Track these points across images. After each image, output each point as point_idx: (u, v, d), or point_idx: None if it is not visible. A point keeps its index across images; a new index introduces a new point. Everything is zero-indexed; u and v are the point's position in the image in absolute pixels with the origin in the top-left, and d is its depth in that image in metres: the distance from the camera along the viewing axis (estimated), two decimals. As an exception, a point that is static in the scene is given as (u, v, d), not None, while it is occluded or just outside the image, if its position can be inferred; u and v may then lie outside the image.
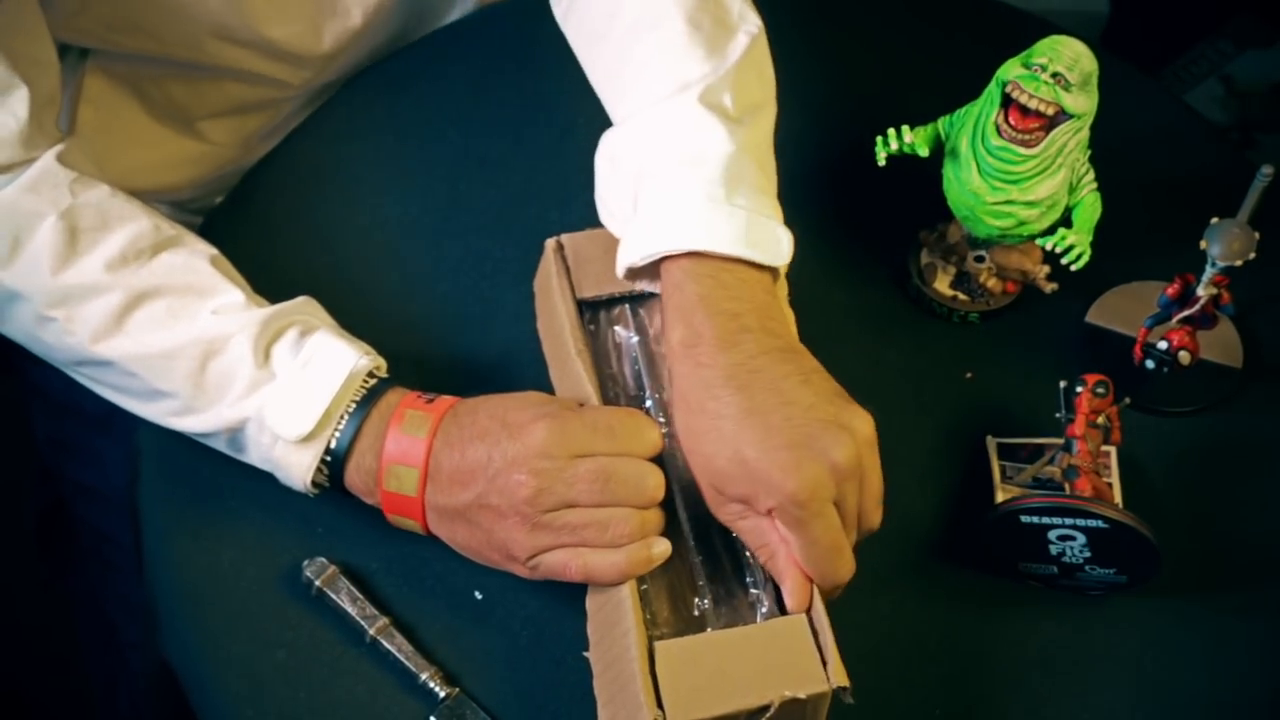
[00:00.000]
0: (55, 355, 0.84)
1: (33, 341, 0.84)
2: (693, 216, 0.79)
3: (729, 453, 0.75)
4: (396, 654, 0.78)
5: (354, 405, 0.79)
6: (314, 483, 0.80)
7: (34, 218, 0.81)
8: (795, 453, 0.73)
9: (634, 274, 0.83)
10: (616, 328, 0.88)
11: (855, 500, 0.76)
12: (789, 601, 0.76)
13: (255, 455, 0.81)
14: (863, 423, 0.76)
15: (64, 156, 0.83)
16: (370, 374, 0.81)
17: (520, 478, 0.75)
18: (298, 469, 0.79)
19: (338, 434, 0.79)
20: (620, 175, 0.84)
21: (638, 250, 0.80)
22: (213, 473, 0.84)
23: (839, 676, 0.72)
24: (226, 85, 1.03)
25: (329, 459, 0.79)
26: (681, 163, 0.81)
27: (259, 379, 0.79)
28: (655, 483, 0.77)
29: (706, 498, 0.78)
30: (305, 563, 0.81)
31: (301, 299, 0.83)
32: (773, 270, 0.81)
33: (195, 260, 0.83)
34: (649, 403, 0.85)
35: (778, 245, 0.80)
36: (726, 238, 0.78)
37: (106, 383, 0.84)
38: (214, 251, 0.85)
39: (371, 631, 0.79)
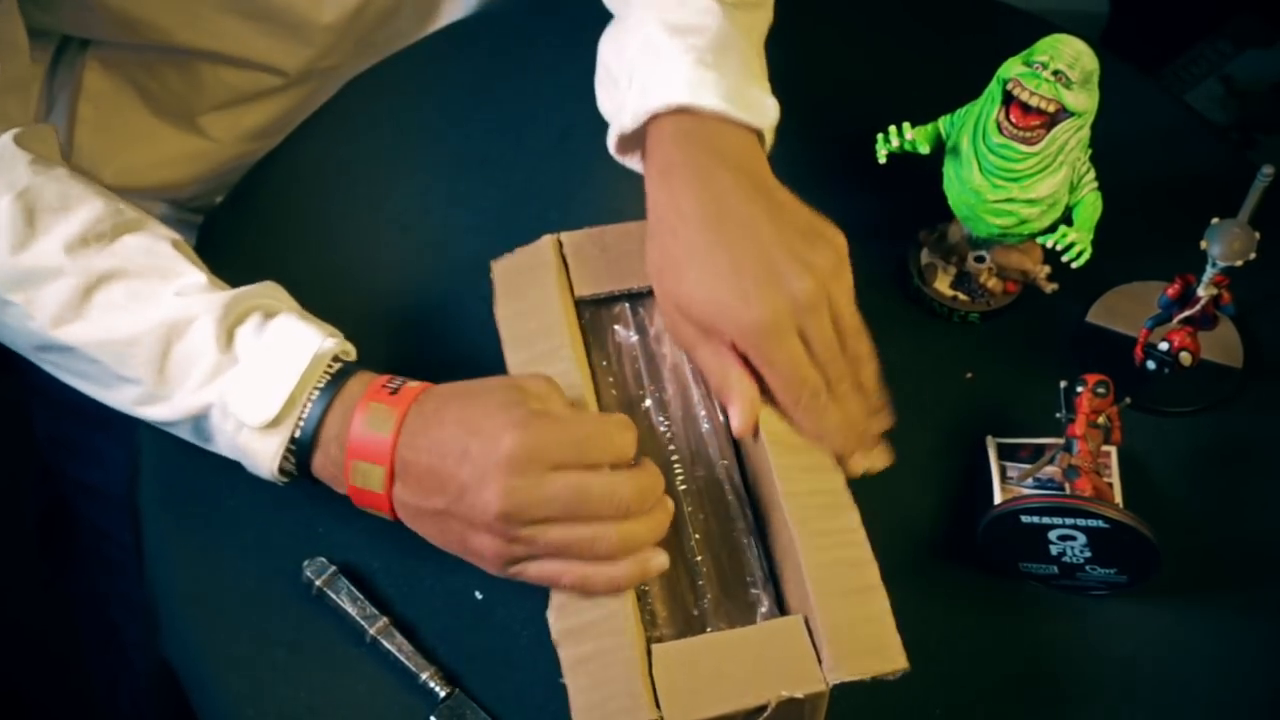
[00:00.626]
0: (19, 341, 0.83)
1: None
2: (681, 76, 0.82)
3: (695, 279, 0.77)
4: (396, 654, 0.78)
5: (317, 392, 0.77)
6: (282, 470, 0.79)
7: None
8: (757, 283, 0.76)
9: (626, 147, 0.86)
10: (616, 327, 0.88)
11: (825, 333, 0.77)
12: (734, 422, 0.78)
13: (221, 443, 0.79)
14: (827, 257, 0.77)
15: (21, 139, 0.82)
16: (335, 358, 0.79)
17: (489, 496, 0.73)
18: (263, 456, 0.78)
19: (302, 422, 0.77)
20: (620, 58, 0.87)
21: (629, 114, 0.83)
22: (213, 472, 0.84)
23: (898, 660, 0.72)
24: (224, 73, 1.02)
25: (294, 447, 0.78)
26: (675, 32, 0.84)
27: (222, 364, 0.78)
28: (629, 492, 0.74)
29: (667, 321, 0.80)
30: (305, 563, 0.81)
31: (265, 283, 0.82)
32: (759, 135, 0.83)
33: (157, 243, 0.82)
34: (649, 402, 0.85)
35: (764, 109, 0.84)
36: (712, 94, 0.82)
37: (71, 369, 0.83)
38: (175, 236, 0.83)
39: (371, 631, 0.79)
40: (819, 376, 0.78)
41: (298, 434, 0.77)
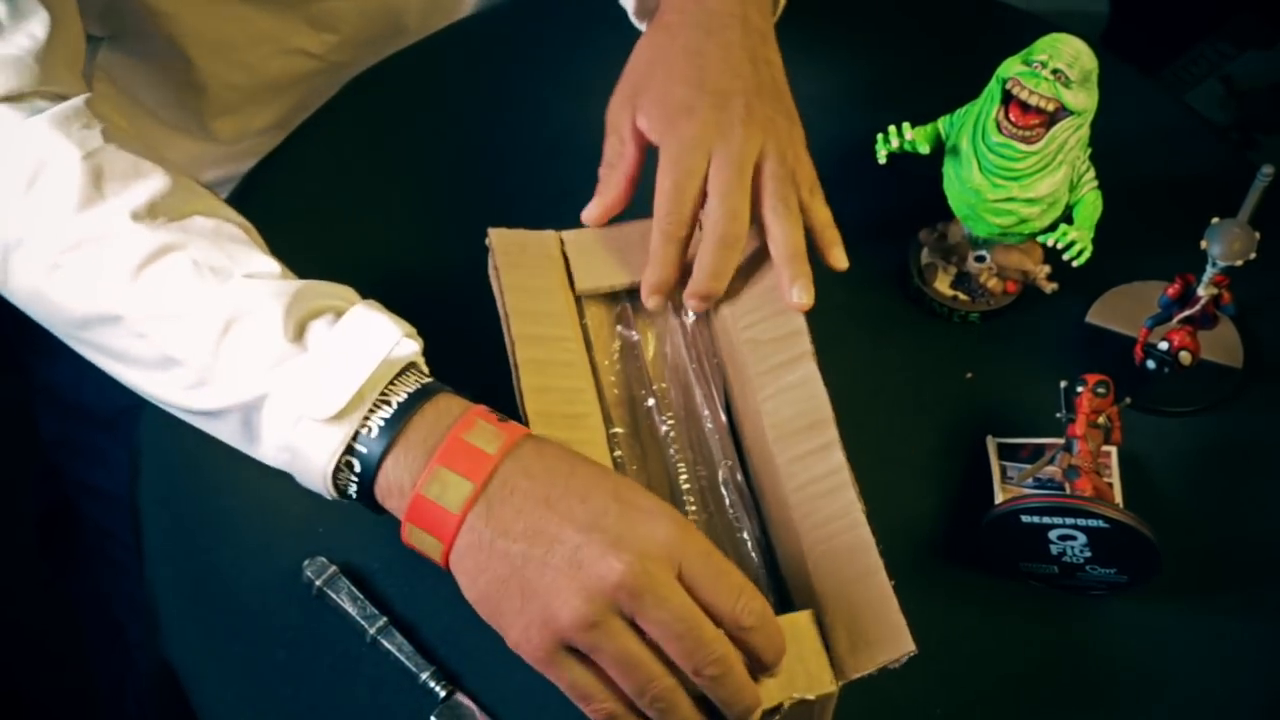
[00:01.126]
0: (60, 313, 0.78)
1: (36, 299, 0.78)
2: None
3: (663, 78, 0.84)
4: (397, 653, 0.78)
5: (406, 396, 0.71)
6: (335, 479, 0.72)
7: (58, 153, 0.76)
8: (701, 109, 0.82)
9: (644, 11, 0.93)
10: (618, 327, 0.88)
11: (736, 171, 0.82)
12: (595, 206, 0.85)
13: (271, 441, 0.73)
14: (782, 125, 0.84)
15: (95, 104, 0.79)
16: (416, 367, 0.74)
17: (617, 564, 0.65)
18: (319, 456, 0.71)
19: (383, 421, 0.70)
20: None
21: None
22: (213, 472, 0.84)
23: (905, 644, 0.71)
24: (232, 72, 1.03)
25: (363, 451, 0.71)
26: None
27: (288, 352, 0.72)
28: (736, 670, 0.67)
29: (615, 97, 0.86)
30: (305, 562, 0.81)
31: (339, 285, 0.77)
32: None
33: (228, 226, 0.77)
34: (650, 401, 0.85)
35: None
36: None
37: (111, 348, 0.77)
38: (245, 221, 0.79)
39: (372, 631, 0.79)
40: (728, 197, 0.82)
41: (372, 432, 0.71)
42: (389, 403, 0.71)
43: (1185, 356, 0.88)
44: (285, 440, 0.73)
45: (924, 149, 0.89)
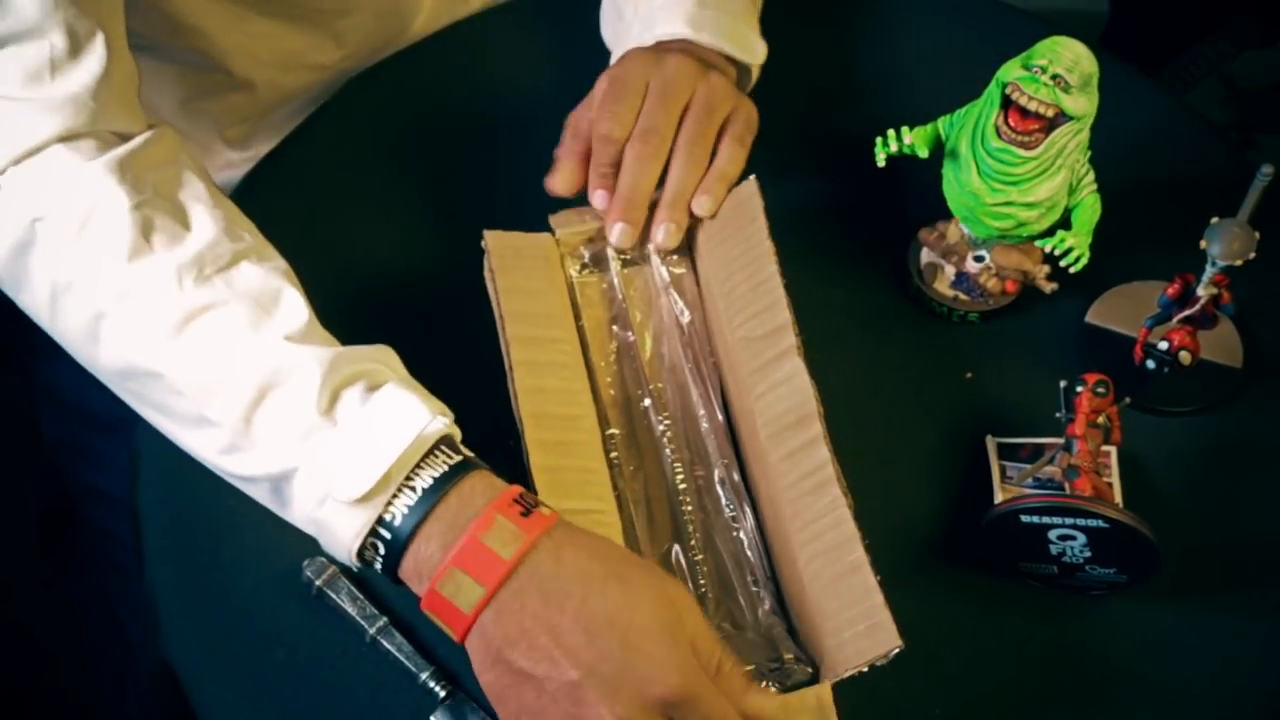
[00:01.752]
0: (103, 361, 0.78)
1: (82, 344, 0.78)
2: (684, 12, 0.92)
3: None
4: (396, 653, 0.78)
5: (432, 481, 0.71)
6: (361, 555, 0.73)
7: (109, 200, 0.76)
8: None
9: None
10: (614, 327, 0.88)
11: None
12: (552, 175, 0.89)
13: (299, 512, 0.74)
14: (708, 79, 0.91)
15: (148, 145, 0.79)
16: (447, 443, 0.74)
17: (670, 672, 0.67)
18: (345, 534, 0.72)
19: (407, 508, 0.71)
20: None
21: (633, 41, 0.93)
22: (213, 473, 0.84)
23: (891, 640, 0.70)
24: (251, 84, 1.03)
25: (388, 536, 0.71)
26: None
27: (318, 425, 0.72)
28: None
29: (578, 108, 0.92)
30: (305, 562, 0.81)
31: (379, 346, 0.77)
32: (747, 71, 0.95)
33: (273, 277, 0.78)
34: (647, 401, 0.85)
35: (755, 49, 0.95)
36: (711, 32, 0.92)
37: (151, 400, 0.78)
38: (284, 264, 0.80)
39: (371, 631, 0.79)
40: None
41: (396, 520, 0.71)
42: (414, 488, 0.71)
43: (1185, 356, 0.88)
44: (311, 516, 0.74)
45: (923, 153, 0.89)
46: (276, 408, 0.73)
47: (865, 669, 0.72)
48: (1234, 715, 0.81)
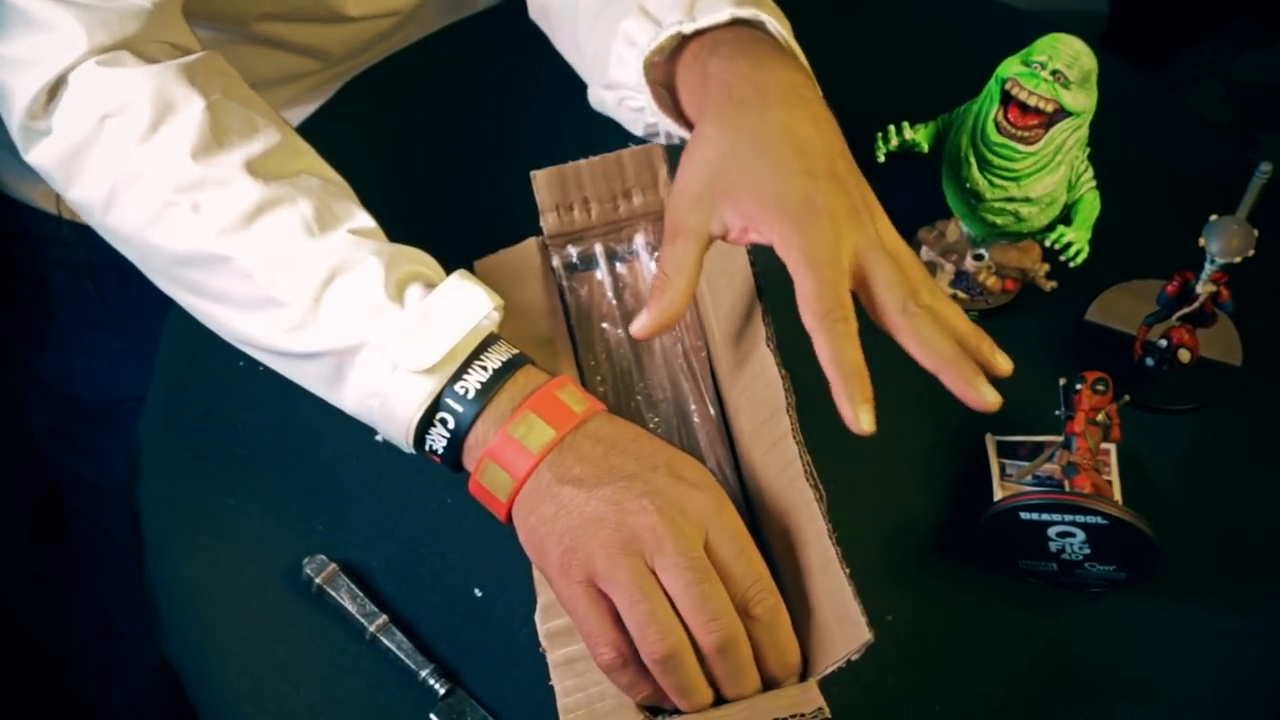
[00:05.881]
0: (165, 248, 0.80)
1: (140, 232, 0.80)
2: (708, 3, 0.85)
3: (753, 167, 0.78)
4: (396, 651, 0.78)
5: (500, 363, 0.75)
6: (417, 433, 0.75)
7: (182, 100, 0.79)
8: (819, 197, 0.77)
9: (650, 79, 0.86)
10: (604, 325, 0.88)
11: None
12: (646, 318, 0.77)
13: (359, 387, 0.76)
14: (876, 225, 0.79)
15: (214, 57, 0.83)
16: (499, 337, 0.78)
17: (648, 506, 0.71)
18: (409, 404, 0.75)
19: (479, 384, 0.74)
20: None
21: (660, 33, 0.84)
22: (213, 471, 0.84)
23: (861, 634, 0.69)
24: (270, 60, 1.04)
25: (457, 409, 0.74)
26: None
27: (387, 306, 0.76)
28: (740, 643, 0.71)
29: (680, 195, 0.78)
30: (305, 560, 0.81)
31: (428, 255, 0.81)
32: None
33: (332, 185, 0.81)
34: (639, 398, 0.85)
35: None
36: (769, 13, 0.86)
37: (210, 288, 0.80)
38: (345, 183, 0.83)
39: (371, 629, 0.79)
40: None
41: (469, 392, 0.74)
42: (485, 367, 0.75)
43: (1184, 354, 0.88)
44: (376, 386, 0.76)
45: (924, 147, 0.89)
46: (346, 289, 0.76)
47: (843, 664, 0.71)
48: (1233, 713, 0.81)
